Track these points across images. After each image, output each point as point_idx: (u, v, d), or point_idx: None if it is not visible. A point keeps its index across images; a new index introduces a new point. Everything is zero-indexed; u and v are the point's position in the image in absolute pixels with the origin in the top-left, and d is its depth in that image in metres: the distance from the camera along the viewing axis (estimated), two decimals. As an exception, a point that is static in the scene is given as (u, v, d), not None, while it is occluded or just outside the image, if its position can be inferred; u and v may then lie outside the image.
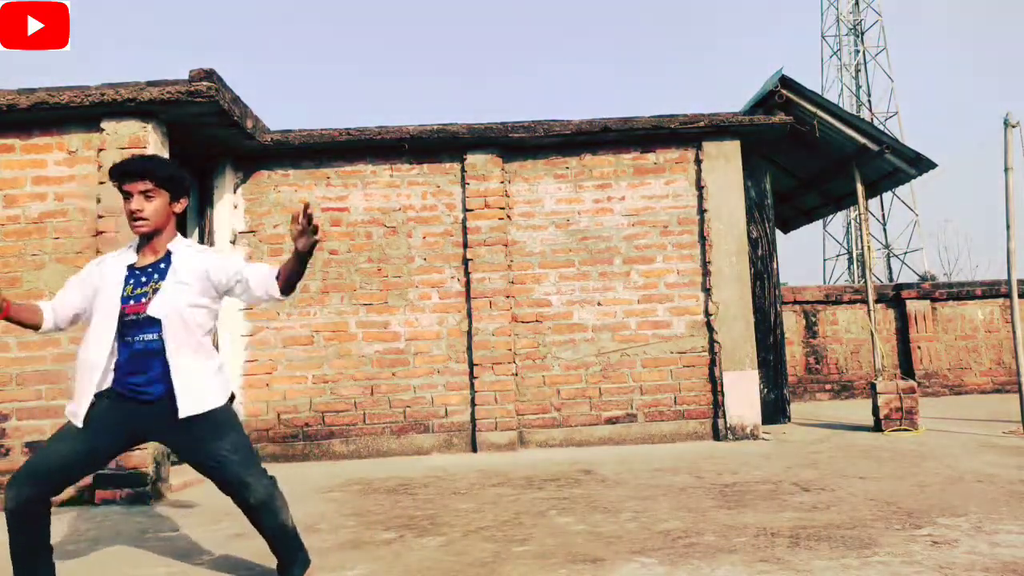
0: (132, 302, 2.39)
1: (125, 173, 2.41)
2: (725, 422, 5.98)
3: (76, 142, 4.77)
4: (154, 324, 2.37)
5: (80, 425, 2.37)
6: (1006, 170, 6.10)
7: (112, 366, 2.41)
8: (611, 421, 6.04)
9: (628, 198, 6.26)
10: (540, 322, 6.12)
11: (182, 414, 2.35)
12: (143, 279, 2.43)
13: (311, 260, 2.40)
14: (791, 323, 9.33)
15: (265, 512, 2.45)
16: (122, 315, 2.38)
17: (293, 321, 6.03)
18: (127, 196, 2.42)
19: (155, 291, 2.40)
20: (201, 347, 2.45)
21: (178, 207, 2.50)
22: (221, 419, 2.44)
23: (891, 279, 36.35)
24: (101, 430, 2.37)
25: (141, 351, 2.38)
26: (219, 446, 2.40)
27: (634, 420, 6.04)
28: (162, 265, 2.45)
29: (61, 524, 3.91)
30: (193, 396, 2.38)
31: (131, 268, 2.46)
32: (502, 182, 6.16)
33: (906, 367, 9.51)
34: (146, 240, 2.47)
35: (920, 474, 4.29)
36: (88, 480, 4.47)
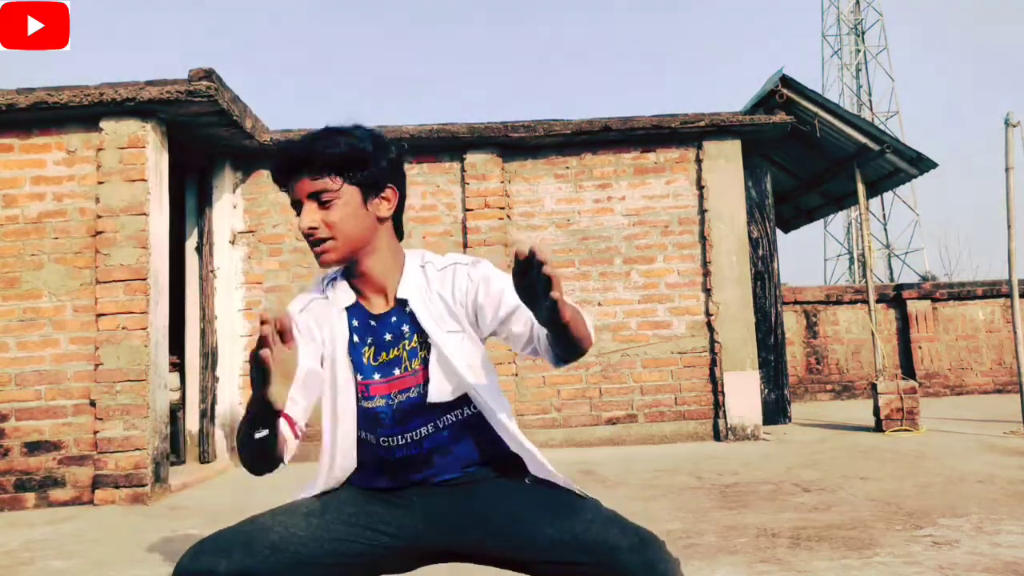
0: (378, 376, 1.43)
1: (283, 169, 1.40)
2: (726, 423, 5.97)
3: (75, 142, 4.77)
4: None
5: None
6: (1007, 170, 6.09)
7: None
8: (611, 422, 6.03)
9: (628, 198, 6.25)
10: (540, 322, 6.11)
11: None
12: (385, 335, 1.45)
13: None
14: (792, 323, 9.32)
15: None
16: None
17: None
18: (295, 204, 1.40)
19: (412, 353, 1.44)
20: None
21: (382, 209, 1.42)
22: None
23: (892, 279, 36.33)
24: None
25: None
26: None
27: (634, 421, 6.03)
28: (406, 308, 1.44)
29: (61, 524, 3.91)
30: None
31: (355, 310, 1.46)
32: (502, 182, 6.15)
33: (907, 367, 9.50)
34: (352, 271, 1.46)
35: (921, 474, 4.28)
36: (88, 480, 4.47)
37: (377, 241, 1.43)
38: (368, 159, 1.38)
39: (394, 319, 1.43)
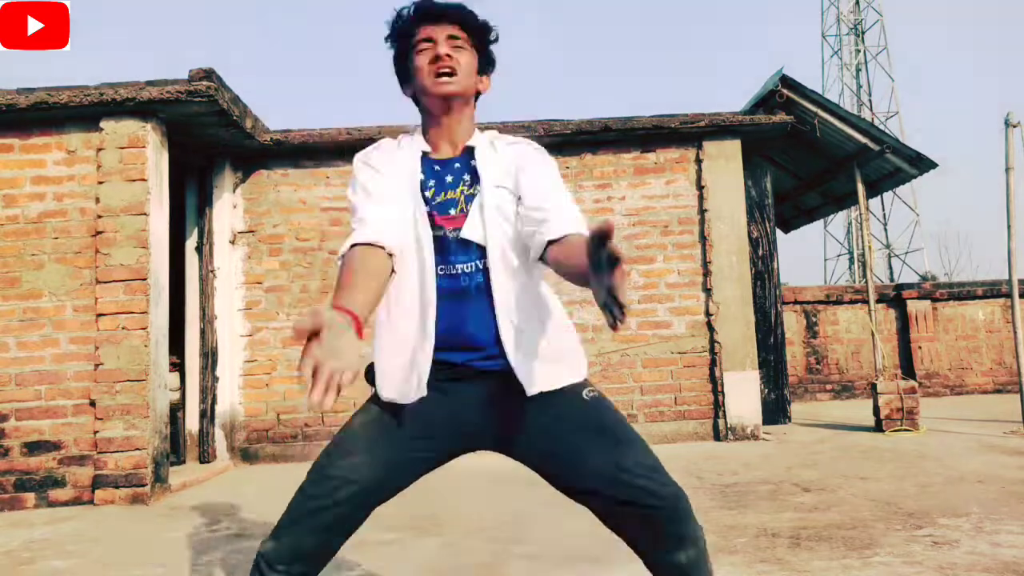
0: (440, 212, 1.54)
1: (425, 15, 1.57)
2: (725, 422, 5.97)
3: (75, 142, 4.77)
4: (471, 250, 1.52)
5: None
6: (1007, 170, 6.09)
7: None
8: (611, 421, 6.02)
9: (628, 198, 6.25)
10: (540, 322, 6.10)
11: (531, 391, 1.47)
12: (447, 177, 1.58)
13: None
14: (792, 323, 9.32)
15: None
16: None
17: (292, 321, 6.02)
18: (423, 42, 1.57)
19: (468, 198, 1.55)
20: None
21: (483, 84, 1.66)
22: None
23: (892, 279, 36.33)
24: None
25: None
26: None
27: (634, 420, 6.03)
28: (471, 161, 1.59)
29: (61, 524, 3.91)
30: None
31: (426, 157, 1.61)
32: (502, 182, 6.15)
33: (907, 367, 9.49)
34: (440, 117, 1.60)
35: (921, 474, 4.28)
36: (88, 480, 4.47)
37: (468, 108, 1.63)
38: (489, 38, 1.64)
39: (457, 165, 1.59)
